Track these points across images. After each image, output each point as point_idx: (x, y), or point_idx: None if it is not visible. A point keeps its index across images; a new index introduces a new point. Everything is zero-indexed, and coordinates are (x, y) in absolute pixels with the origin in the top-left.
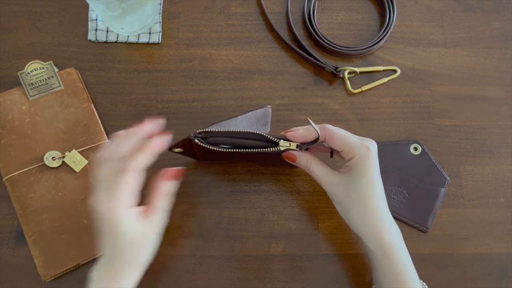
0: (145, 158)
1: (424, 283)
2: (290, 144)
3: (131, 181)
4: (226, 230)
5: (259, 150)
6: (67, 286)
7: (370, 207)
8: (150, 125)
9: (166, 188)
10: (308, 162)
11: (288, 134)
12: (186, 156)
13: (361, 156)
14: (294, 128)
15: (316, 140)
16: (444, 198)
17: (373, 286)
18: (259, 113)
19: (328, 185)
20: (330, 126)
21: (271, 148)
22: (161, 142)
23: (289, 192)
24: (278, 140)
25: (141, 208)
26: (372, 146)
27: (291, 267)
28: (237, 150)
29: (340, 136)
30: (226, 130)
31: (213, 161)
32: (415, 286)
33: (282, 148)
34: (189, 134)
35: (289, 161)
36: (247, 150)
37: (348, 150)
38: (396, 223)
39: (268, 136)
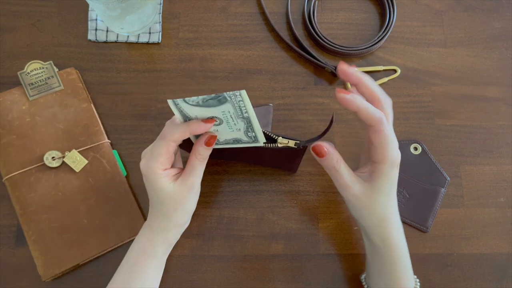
0: (180, 134)
1: (417, 279)
2: (288, 141)
3: (165, 149)
4: (226, 230)
5: (257, 145)
6: (67, 286)
7: (386, 217)
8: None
9: (198, 152)
10: (338, 163)
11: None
12: (185, 150)
13: (391, 165)
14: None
15: (326, 132)
16: (444, 198)
17: (364, 274)
18: (260, 110)
19: (353, 192)
20: (387, 124)
21: (270, 144)
22: (202, 127)
23: (289, 192)
24: (276, 137)
25: (174, 171)
26: (398, 159)
27: (291, 267)
28: (234, 145)
29: (391, 135)
30: None
31: (212, 160)
32: (408, 284)
33: (280, 145)
34: None
35: (317, 156)
36: (245, 145)
37: (387, 151)
38: None
39: (267, 132)
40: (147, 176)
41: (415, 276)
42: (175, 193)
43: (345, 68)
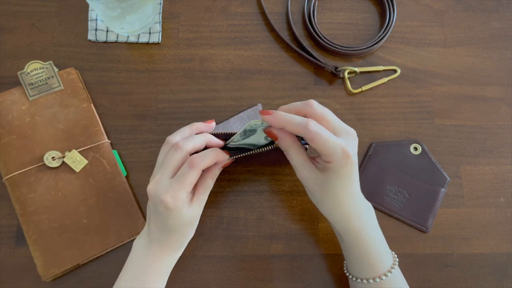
0: (210, 162)
1: (395, 254)
2: None
3: (195, 177)
4: (226, 230)
5: (256, 151)
6: (67, 286)
7: (342, 203)
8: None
9: (214, 174)
10: (289, 147)
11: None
12: None
13: (340, 163)
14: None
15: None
16: (444, 198)
17: (345, 262)
18: (250, 112)
19: (303, 176)
20: (313, 126)
21: (267, 147)
22: (223, 157)
23: (289, 192)
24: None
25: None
26: (351, 150)
27: (291, 267)
28: (237, 156)
29: (321, 139)
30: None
31: None
32: (384, 264)
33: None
34: None
35: (270, 138)
36: (246, 153)
37: (326, 153)
38: (396, 223)
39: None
40: (170, 208)
41: (392, 252)
42: (194, 214)
43: (267, 114)
